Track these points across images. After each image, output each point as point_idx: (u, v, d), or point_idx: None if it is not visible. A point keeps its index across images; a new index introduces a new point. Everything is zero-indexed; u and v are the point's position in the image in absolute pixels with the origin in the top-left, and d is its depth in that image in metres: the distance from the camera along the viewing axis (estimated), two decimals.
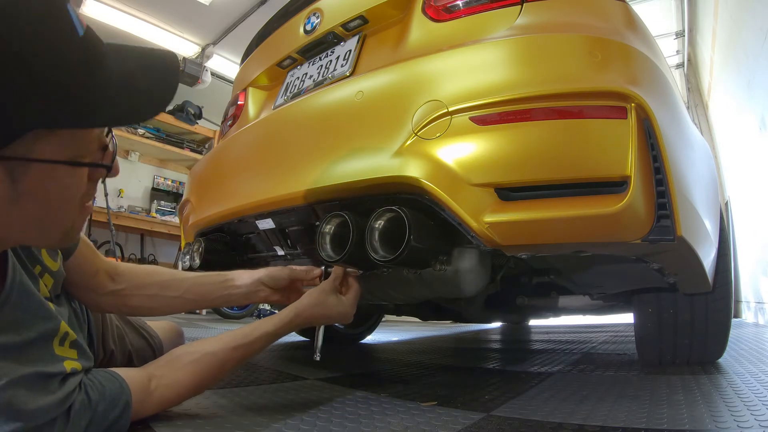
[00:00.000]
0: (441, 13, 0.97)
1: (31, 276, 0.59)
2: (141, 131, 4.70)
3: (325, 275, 0.93)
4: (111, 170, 0.56)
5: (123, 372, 0.63)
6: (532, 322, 3.41)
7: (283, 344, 1.76)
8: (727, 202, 4.11)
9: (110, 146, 0.55)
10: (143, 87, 0.53)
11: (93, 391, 0.56)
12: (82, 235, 0.79)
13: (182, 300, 0.89)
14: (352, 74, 1.07)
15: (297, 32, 1.25)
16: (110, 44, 0.54)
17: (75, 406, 0.53)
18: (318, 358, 0.89)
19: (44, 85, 0.43)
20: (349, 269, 0.90)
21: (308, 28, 1.22)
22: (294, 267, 0.96)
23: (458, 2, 0.95)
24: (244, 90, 1.46)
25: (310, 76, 1.19)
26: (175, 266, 4.33)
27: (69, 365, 0.55)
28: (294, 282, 0.95)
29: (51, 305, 0.58)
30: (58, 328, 0.57)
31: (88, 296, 0.81)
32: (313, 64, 1.22)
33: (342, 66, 1.11)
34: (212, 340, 0.74)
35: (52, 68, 0.43)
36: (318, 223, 0.87)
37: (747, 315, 3.69)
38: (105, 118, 0.50)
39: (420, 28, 1.00)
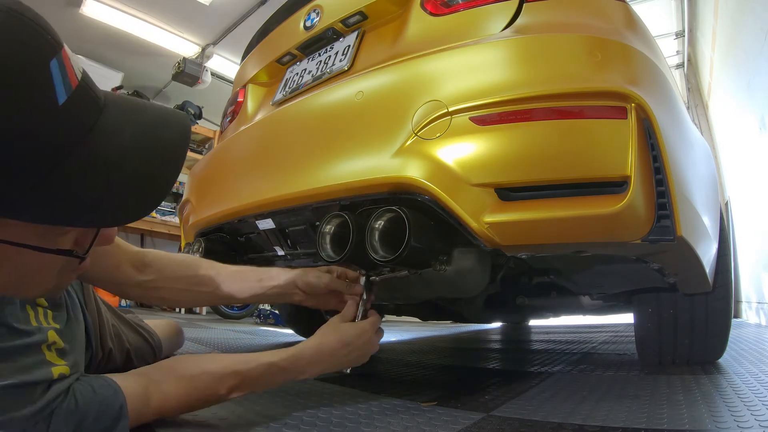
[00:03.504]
0: (439, 8, 0.98)
1: None
2: None
3: (366, 284, 0.86)
4: (85, 259, 0.50)
5: (121, 378, 0.60)
6: (532, 322, 3.41)
7: (282, 344, 1.76)
8: (727, 202, 4.11)
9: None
10: (134, 179, 0.42)
11: (82, 397, 0.54)
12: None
13: (214, 296, 0.85)
14: (350, 68, 1.08)
15: (297, 28, 1.26)
16: (112, 99, 0.44)
17: (57, 412, 0.51)
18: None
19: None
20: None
21: (308, 24, 1.22)
22: (333, 276, 0.87)
23: None
24: (244, 87, 1.47)
25: (309, 72, 1.19)
26: None
27: (57, 371, 0.53)
28: (332, 290, 0.88)
29: (33, 317, 0.55)
30: (44, 339, 0.54)
31: (114, 288, 0.79)
32: (312, 60, 1.22)
33: (340, 61, 1.12)
34: (215, 357, 0.69)
35: (8, 151, 0.34)
36: (318, 223, 0.87)
37: (747, 315, 3.69)
38: (69, 220, 0.41)
39: (418, 22, 1.00)
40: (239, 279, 0.87)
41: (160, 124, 0.47)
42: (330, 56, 1.17)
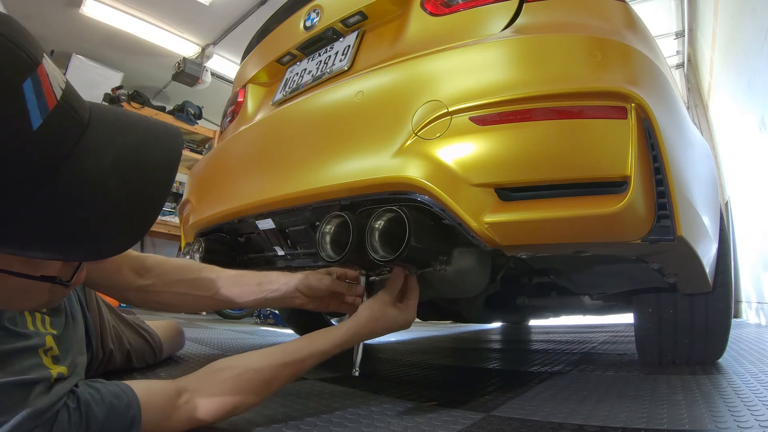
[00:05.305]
0: (440, 8, 0.98)
1: None
2: None
3: (367, 284, 0.87)
4: (72, 283, 0.49)
5: (145, 384, 0.59)
6: (532, 322, 3.41)
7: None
8: (727, 202, 4.11)
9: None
10: (113, 210, 0.39)
11: (87, 405, 0.52)
12: None
13: (213, 300, 0.85)
14: (350, 69, 1.08)
15: (297, 29, 1.26)
16: (98, 115, 0.40)
17: (60, 416, 0.49)
18: (357, 373, 0.81)
19: None
20: (408, 271, 0.83)
21: (308, 24, 1.22)
22: (333, 277, 0.88)
23: None
24: (244, 87, 1.47)
25: (309, 72, 1.19)
26: None
27: (55, 371, 0.52)
28: (333, 292, 0.88)
29: (30, 322, 0.55)
30: (42, 344, 0.53)
31: (114, 292, 0.78)
32: (312, 60, 1.22)
33: (340, 61, 1.12)
34: (258, 354, 0.69)
35: None
36: (318, 223, 0.87)
37: (747, 315, 3.69)
38: (44, 253, 0.39)
39: (418, 22, 1.00)
40: (239, 283, 0.86)
41: (149, 143, 0.44)
42: (330, 56, 1.17)
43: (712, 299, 1.18)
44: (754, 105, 2.90)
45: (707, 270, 0.95)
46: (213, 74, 4.86)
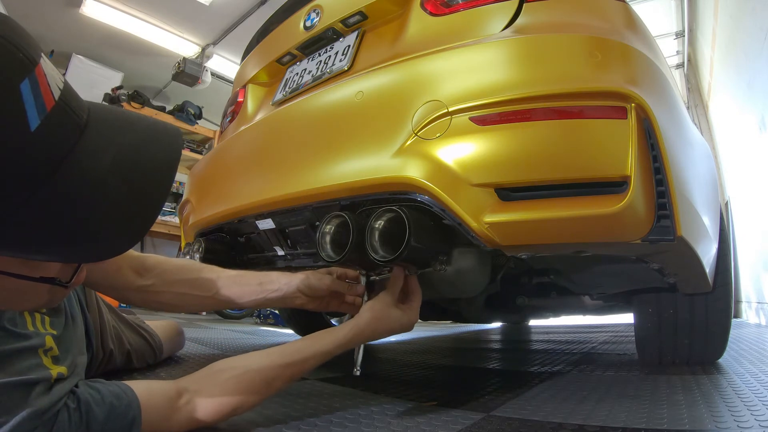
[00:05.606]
0: (440, 8, 0.98)
1: None
2: None
3: (368, 285, 0.88)
4: (72, 283, 0.49)
5: (146, 385, 0.59)
6: (532, 322, 3.41)
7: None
8: (727, 202, 4.11)
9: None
10: (112, 211, 0.39)
11: (87, 405, 0.52)
12: None
13: (213, 300, 0.84)
14: (350, 69, 1.08)
15: (297, 29, 1.26)
16: (97, 116, 0.40)
17: (60, 417, 0.49)
18: (358, 373, 0.80)
19: None
20: (408, 271, 0.83)
21: (308, 24, 1.23)
22: (334, 277, 0.88)
23: None
24: (244, 87, 1.47)
25: (309, 71, 1.20)
26: None
27: (55, 371, 0.52)
28: (334, 291, 0.88)
29: (30, 322, 0.55)
30: (41, 344, 0.53)
31: (114, 293, 0.78)
32: (312, 60, 1.22)
33: (340, 61, 1.12)
34: (259, 354, 0.69)
35: None
36: (318, 223, 0.87)
37: (747, 315, 3.69)
38: (44, 254, 0.39)
39: (418, 22, 1.00)
40: (240, 283, 0.86)
41: (149, 143, 0.44)
42: (330, 56, 1.17)
43: (712, 299, 1.18)
44: (754, 105, 2.90)
45: (707, 270, 0.95)
46: (213, 74, 4.86)
